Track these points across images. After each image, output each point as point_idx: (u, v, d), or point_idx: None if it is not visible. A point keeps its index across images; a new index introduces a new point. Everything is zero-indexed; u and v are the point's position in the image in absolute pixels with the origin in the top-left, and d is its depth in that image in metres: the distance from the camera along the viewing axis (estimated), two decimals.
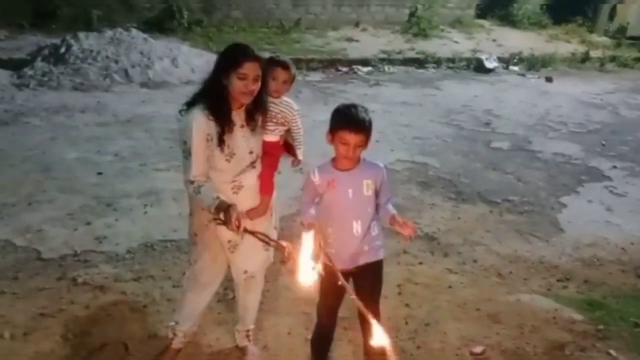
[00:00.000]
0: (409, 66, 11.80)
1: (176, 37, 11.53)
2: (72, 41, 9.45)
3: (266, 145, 2.93)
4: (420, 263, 4.35)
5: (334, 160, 2.78)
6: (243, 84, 2.63)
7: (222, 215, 2.59)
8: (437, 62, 11.99)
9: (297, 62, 10.80)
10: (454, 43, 13.59)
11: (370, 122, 2.69)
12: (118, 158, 6.09)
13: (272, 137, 2.98)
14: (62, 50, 9.30)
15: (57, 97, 8.16)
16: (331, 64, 11.21)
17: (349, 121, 2.66)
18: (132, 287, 3.87)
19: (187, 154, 2.69)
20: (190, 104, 2.73)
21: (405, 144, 6.99)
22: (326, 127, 2.72)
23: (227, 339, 3.33)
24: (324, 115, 2.73)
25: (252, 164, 2.84)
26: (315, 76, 10.55)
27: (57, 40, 9.73)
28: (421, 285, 4.05)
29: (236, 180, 2.79)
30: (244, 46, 2.72)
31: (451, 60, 12.14)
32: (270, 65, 2.84)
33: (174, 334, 3.14)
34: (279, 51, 11.47)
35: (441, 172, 6.19)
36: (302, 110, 3.14)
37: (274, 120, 2.93)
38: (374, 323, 2.27)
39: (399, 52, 12.30)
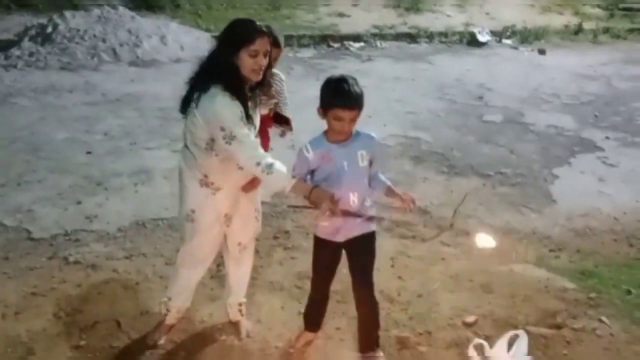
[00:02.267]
0: (401, 41, 11.70)
1: (164, 15, 11.39)
2: (58, 20, 9.32)
3: (260, 119, 2.92)
4: (413, 237, 4.34)
5: (326, 132, 2.73)
6: (254, 61, 2.56)
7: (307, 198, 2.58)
8: (430, 36, 11.90)
9: (289, 38, 10.70)
10: (446, 17, 13.48)
11: (362, 94, 2.64)
12: (108, 137, 6.04)
13: (263, 110, 2.99)
14: (49, 29, 9.18)
15: (45, 77, 8.06)
16: (323, 39, 11.11)
17: (342, 97, 2.59)
18: (123, 265, 3.85)
19: (229, 139, 2.54)
20: (203, 90, 2.59)
21: (398, 119, 6.96)
22: (316, 102, 2.67)
23: (220, 315, 3.32)
24: (316, 91, 2.69)
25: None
26: (307, 52, 10.46)
27: (43, 20, 9.61)
28: (414, 257, 4.05)
29: None
30: (250, 21, 2.64)
31: (444, 34, 12.05)
32: None
33: (167, 310, 3.13)
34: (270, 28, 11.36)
35: (434, 146, 6.16)
36: (294, 87, 3.13)
37: (266, 94, 2.93)
38: None
39: (391, 27, 12.19)
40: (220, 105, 2.55)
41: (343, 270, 2.98)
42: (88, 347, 3.09)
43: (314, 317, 3.14)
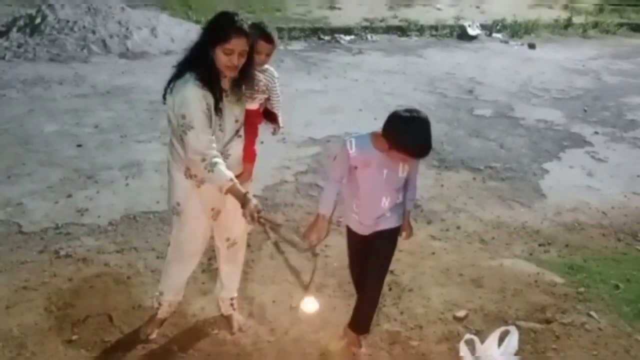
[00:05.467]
0: (391, 34, 11.72)
1: (155, 7, 11.32)
2: (47, 11, 9.23)
3: (248, 113, 2.90)
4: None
5: (373, 138, 2.69)
6: (228, 59, 2.55)
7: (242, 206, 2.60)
8: (420, 30, 11.92)
9: (279, 31, 10.67)
10: (437, 10, 13.50)
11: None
12: (98, 130, 6.01)
13: (253, 105, 2.96)
14: (38, 20, 9.09)
15: (33, 68, 8.00)
16: (313, 32, 11.10)
17: (413, 140, 2.55)
18: (115, 259, 3.84)
19: (187, 128, 2.56)
20: (178, 76, 2.62)
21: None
22: (308, 96, 2.68)
23: (212, 308, 3.33)
24: (306, 84, 2.72)
25: (237, 133, 2.80)
26: (297, 45, 10.44)
27: (32, 11, 9.50)
28: (405, 252, 4.06)
29: (225, 150, 2.74)
30: (233, 18, 2.56)
31: (434, 27, 12.07)
32: (254, 37, 2.74)
33: (159, 304, 3.13)
34: (260, 20, 11.32)
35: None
36: (284, 80, 3.12)
37: (256, 88, 2.90)
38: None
39: (382, 20, 12.19)
40: (189, 93, 2.56)
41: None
42: (80, 341, 3.09)
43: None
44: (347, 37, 11.11)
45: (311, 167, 5.38)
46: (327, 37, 11.02)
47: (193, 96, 2.55)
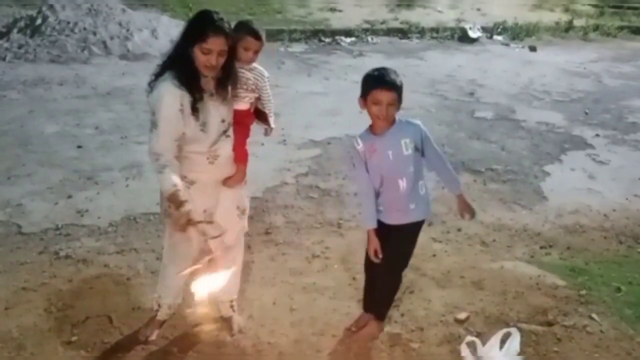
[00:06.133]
0: (392, 36, 11.72)
1: (155, 8, 11.32)
2: (48, 12, 9.24)
3: (237, 114, 2.84)
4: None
5: (370, 126, 2.86)
6: (206, 58, 2.54)
7: (172, 208, 2.61)
8: (421, 32, 11.92)
9: (279, 33, 10.70)
10: (437, 12, 13.51)
11: (401, 82, 2.76)
12: (98, 131, 6.00)
13: (243, 105, 2.88)
14: (39, 21, 9.10)
15: (34, 69, 8.00)
16: (314, 34, 11.10)
17: (379, 80, 2.72)
18: (115, 260, 3.83)
19: (153, 125, 2.59)
20: (159, 75, 2.62)
21: None
22: (309, 98, 2.68)
23: (212, 310, 3.31)
24: (307, 86, 2.71)
25: (225, 133, 2.76)
26: (298, 47, 10.44)
27: (32, 12, 9.51)
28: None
29: (212, 150, 2.72)
30: (211, 17, 2.56)
31: (435, 30, 12.07)
32: (242, 34, 2.74)
33: (158, 306, 3.12)
34: (260, 22, 11.32)
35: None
36: (285, 81, 3.10)
37: (245, 88, 2.84)
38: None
39: (383, 22, 12.19)
40: (163, 92, 2.56)
41: None
42: (79, 342, 3.07)
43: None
44: (348, 39, 11.11)
45: (312, 169, 5.37)
46: (327, 39, 11.02)
47: (166, 95, 2.55)
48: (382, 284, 3.15)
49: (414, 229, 3.00)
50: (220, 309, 3.25)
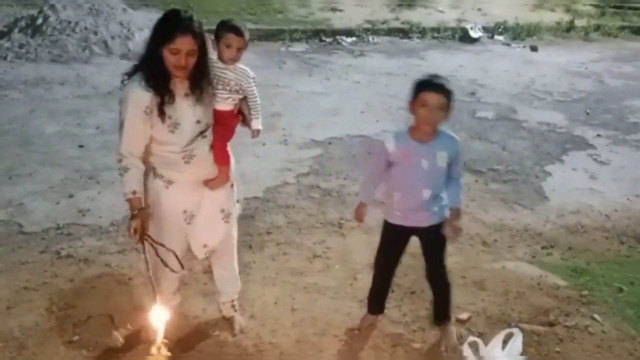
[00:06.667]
0: (393, 36, 11.70)
1: (156, 7, 11.31)
2: (49, 12, 9.23)
3: (219, 115, 2.76)
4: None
5: (410, 130, 2.83)
6: (175, 59, 2.48)
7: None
8: (422, 32, 11.90)
9: (280, 32, 10.70)
10: (438, 12, 13.50)
11: (451, 90, 2.76)
12: (99, 131, 6.00)
13: (225, 105, 2.77)
14: (39, 21, 9.09)
15: (35, 69, 8.00)
16: (315, 34, 11.08)
17: (429, 82, 2.75)
18: (116, 259, 3.83)
19: (119, 125, 2.58)
20: (130, 75, 2.59)
21: (391, 115, 6.95)
22: (310, 98, 2.68)
23: (214, 310, 3.31)
24: (308, 86, 2.70)
25: (202, 134, 2.69)
26: (299, 47, 10.43)
27: (33, 11, 9.50)
28: (407, 254, 4.00)
29: (187, 150, 2.66)
30: (178, 17, 2.51)
31: (436, 30, 12.05)
32: (223, 31, 2.66)
33: None
34: (261, 22, 11.32)
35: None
36: (286, 81, 3.08)
37: (227, 88, 2.73)
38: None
39: (384, 22, 12.18)
40: (129, 93, 2.54)
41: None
42: (81, 342, 3.07)
43: (378, 300, 3.27)
44: (349, 39, 11.10)
45: (313, 168, 5.37)
46: (328, 39, 11.01)
47: (131, 97, 2.53)
48: (442, 291, 3.16)
49: (439, 228, 2.99)
50: (221, 309, 3.25)
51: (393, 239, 3.08)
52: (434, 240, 3.04)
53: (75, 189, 4.74)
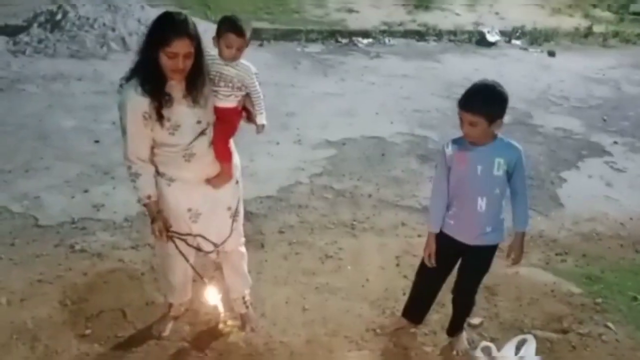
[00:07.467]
0: (409, 38, 11.65)
1: (173, 5, 11.35)
2: (68, 8, 9.31)
3: (222, 112, 2.74)
4: (419, 235, 4.32)
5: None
6: (172, 62, 2.45)
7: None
8: (439, 34, 11.84)
9: (296, 32, 10.70)
10: (455, 15, 13.42)
11: (489, 106, 2.75)
12: (115, 127, 5.94)
13: (228, 103, 2.74)
14: (59, 16, 9.17)
15: (53, 64, 8.06)
16: (331, 35, 11.06)
17: (461, 99, 2.76)
18: (129, 255, 3.86)
19: (122, 131, 2.58)
20: (127, 79, 2.57)
21: (405, 117, 6.93)
22: (325, 98, 2.67)
23: (225, 307, 3.31)
24: (323, 86, 2.68)
25: (202, 132, 2.68)
26: (315, 47, 10.42)
27: (53, 7, 9.58)
28: (419, 257, 3.97)
29: (187, 148, 2.66)
30: (172, 20, 2.48)
31: (452, 33, 11.99)
32: (224, 30, 2.62)
33: (170, 304, 3.14)
34: (278, 21, 11.34)
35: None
36: (302, 82, 3.06)
37: (230, 85, 2.70)
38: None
39: (400, 24, 12.14)
40: (125, 99, 2.52)
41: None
42: (93, 335, 3.10)
43: (416, 310, 3.25)
44: (365, 41, 11.07)
45: (326, 169, 5.36)
46: (344, 40, 10.99)
47: (129, 102, 2.51)
48: (462, 310, 3.13)
49: (489, 253, 2.90)
50: (233, 305, 3.26)
51: (446, 250, 2.93)
52: (478, 263, 2.94)
53: (91, 184, 4.77)
